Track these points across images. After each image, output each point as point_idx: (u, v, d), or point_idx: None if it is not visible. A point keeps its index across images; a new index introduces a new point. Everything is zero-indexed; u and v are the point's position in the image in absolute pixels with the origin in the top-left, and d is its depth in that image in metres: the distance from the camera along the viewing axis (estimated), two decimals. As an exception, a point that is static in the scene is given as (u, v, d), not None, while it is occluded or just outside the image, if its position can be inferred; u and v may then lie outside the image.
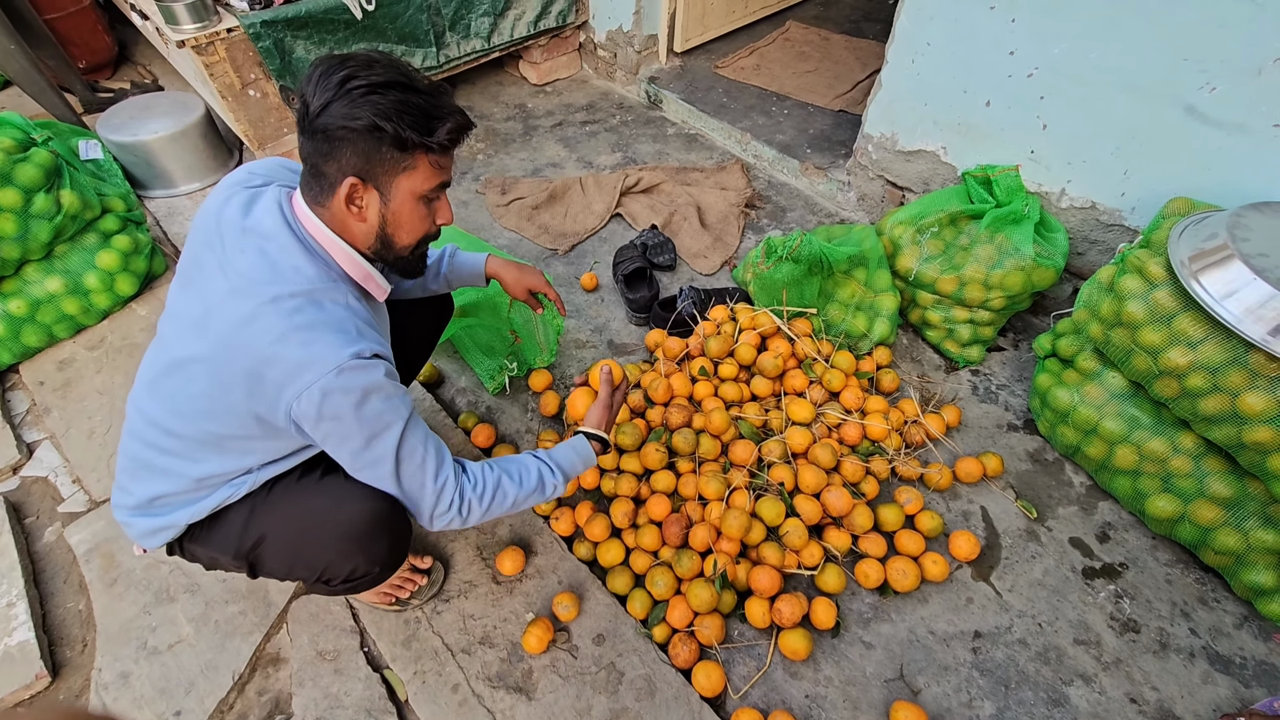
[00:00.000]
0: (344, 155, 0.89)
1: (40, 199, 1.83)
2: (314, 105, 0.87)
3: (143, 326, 2.08)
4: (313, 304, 0.92)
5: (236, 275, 0.92)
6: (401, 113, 0.87)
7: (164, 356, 1.00)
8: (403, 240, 1.01)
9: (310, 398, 0.89)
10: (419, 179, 0.95)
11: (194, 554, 1.14)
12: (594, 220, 2.42)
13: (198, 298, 0.95)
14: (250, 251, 0.93)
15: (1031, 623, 1.46)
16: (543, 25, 2.90)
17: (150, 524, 1.08)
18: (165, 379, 1.00)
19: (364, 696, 1.35)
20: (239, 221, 0.96)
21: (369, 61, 0.88)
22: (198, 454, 1.02)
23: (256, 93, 2.26)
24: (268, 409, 0.92)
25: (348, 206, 0.94)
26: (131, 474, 1.07)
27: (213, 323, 0.92)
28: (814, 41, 3.27)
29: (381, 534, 1.10)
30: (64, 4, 2.97)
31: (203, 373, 0.94)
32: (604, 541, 1.55)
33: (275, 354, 0.88)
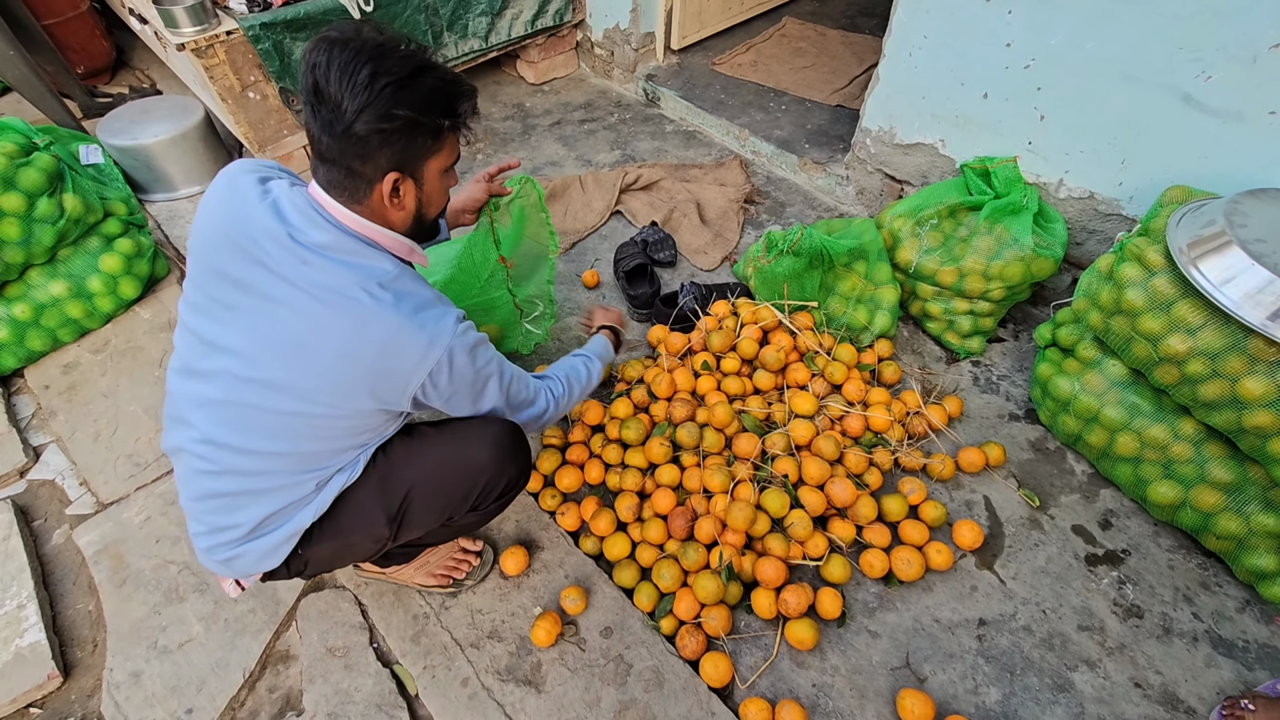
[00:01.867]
0: (382, 154, 0.92)
1: (43, 203, 1.84)
2: (348, 110, 0.86)
3: (146, 329, 2.09)
4: (404, 292, 0.97)
5: (318, 288, 0.92)
6: (433, 102, 0.91)
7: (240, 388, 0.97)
8: (431, 213, 1.09)
9: (442, 369, 0.98)
10: (445, 157, 1.02)
11: (307, 559, 1.12)
12: (594, 218, 2.43)
13: (268, 317, 0.93)
14: (319, 261, 0.93)
15: (1035, 610, 1.47)
16: (540, 24, 2.91)
17: (268, 543, 1.06)
18: (253, 406, 0.97)
19: (374, 691, 1.36)
20: (280, 231, 0.93)
21: (378, 47, 0.87)
22: (311, 462, 1.03)
23: (256, 95, 2.27)
24: (393, 396, 0.99)
25: (390, 201, 0.97)
26: (228, 509, 1.03)
27: (319, 340, 0.93)
28: (810, 37, 3.28)
29: (520, 443, 1.22)
30: (62, 9, 2.97)
31: (315, 388, 0.95)
32: (610, 536, 1.56)
33: (398, 344, 0.94)
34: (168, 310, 2.15)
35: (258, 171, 1.02)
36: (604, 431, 1.74)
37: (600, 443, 1.71)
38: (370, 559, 1.30)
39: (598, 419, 1.75)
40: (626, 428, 1.67)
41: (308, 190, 0.99)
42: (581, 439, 1.73)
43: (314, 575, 1.22)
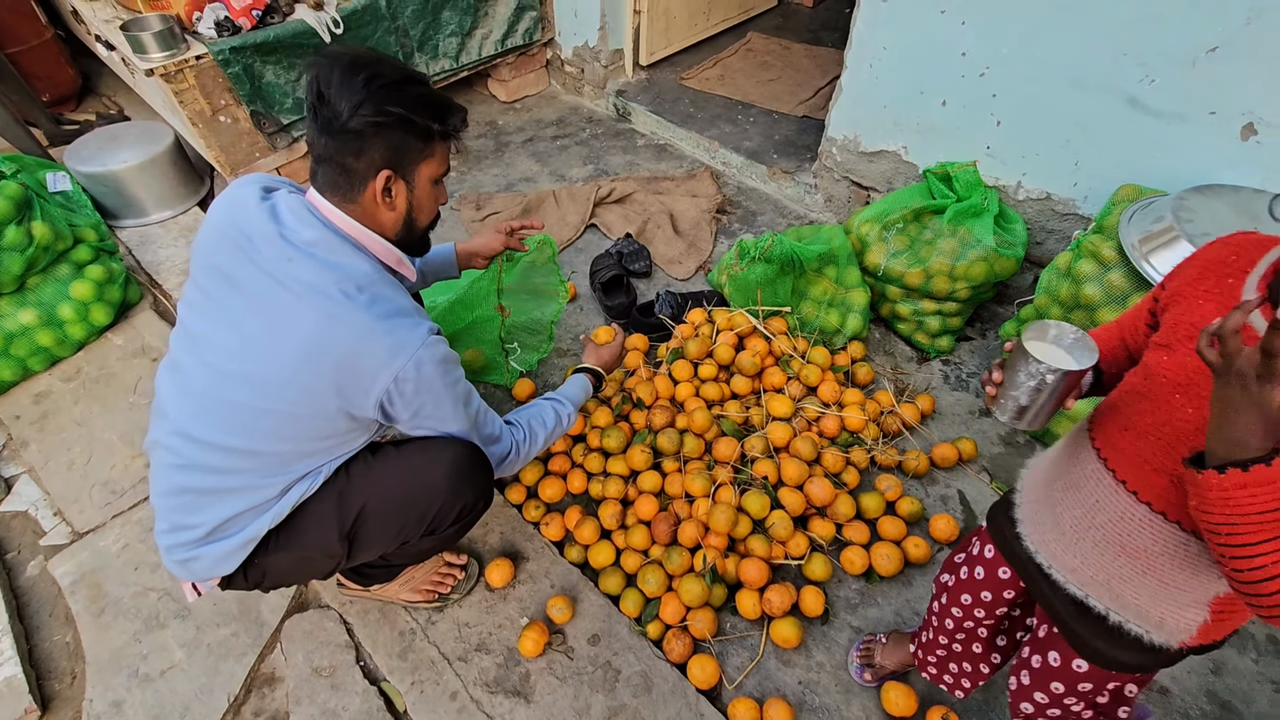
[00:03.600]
0: (375, 150, 0.97)
1: (11, 231, 1.82)
2: (344, 107, 0.92)
3: (119, 355, 2.07)
4: (380, 296, 0.99)
5: (297, 283, 0.95)
6: (423, 105, 0.97)
7: (217, 382, 1.00)
8: (422, 222, 1.13)
9: (408, 376, 0.98)
10: (435, 165, 1.06)
11: (265, 568, 1.12)
12: (569, 232, 2.46)
13: (252, 312, 0.97)
14: (301, 259, 0.96)
15: (1012, 598, 1.51)
16: (510, 44, 2.95)
17: (224, 547, 1.06)
18: (228, 401, 0.99)
19: (362, 710, 1.36)
20: (273, 230, 0.98)
21: (375, 59, 0.95)
22: (275, 465, 1.03)
23: (227, 119, 2.27)
24: (358, 399, 0.99)
25: (381, 198, 1.01)
26: (192, 508, 1.05)
27: (289, 333, 0.95)
28: (775, 51, 3.36)
29: (479, 468, 1.18)
30: (26, 37, 2.95)
31: (283, 382, 0.96)
32: (594, 544, 1.57)
33: (364, 346, 0.95)
34: (141, 336, 2.13)
35: (262, 182, 1.07)
36: (585, 441, 1.76)
37: (582, 452, 1.73)
38: (329, 575, 1.28)
39: (579, 429, 1.76)
40: (607, 436, 1.69)
41: (305, 195, 1.04)
42: (563, 449, 1.75)
43: (274, 587, 1.21)
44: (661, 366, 1.90)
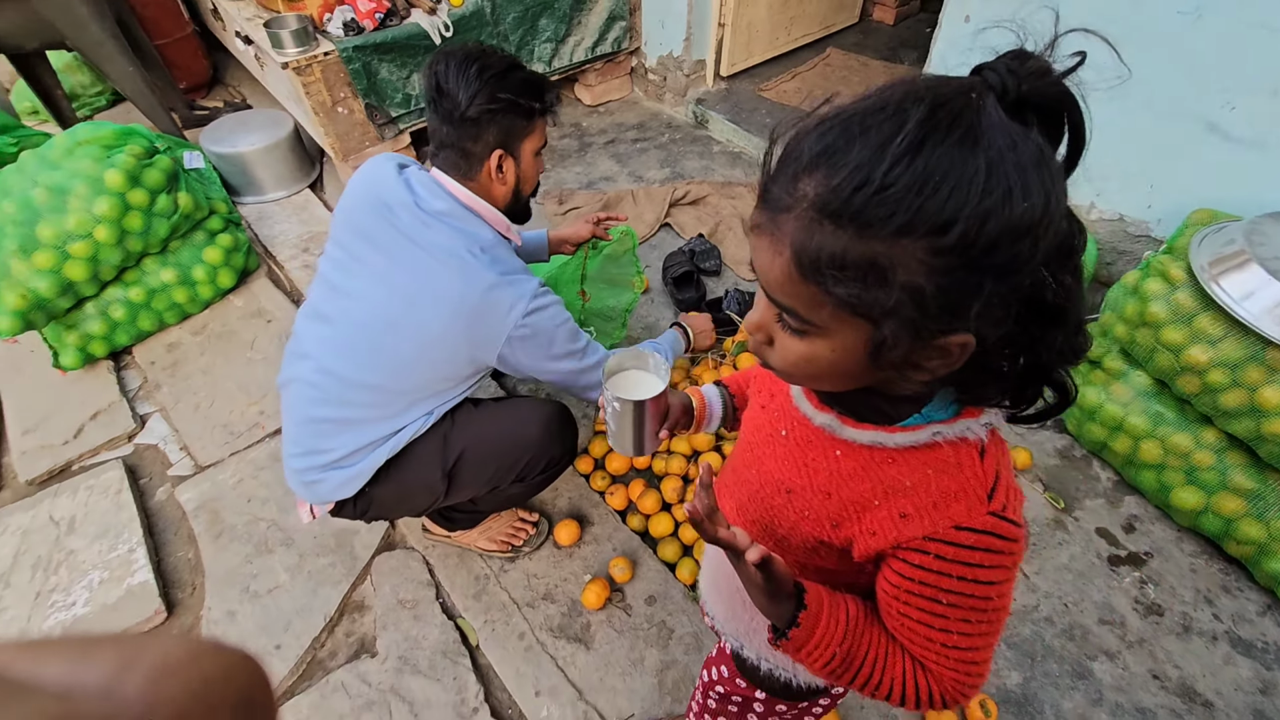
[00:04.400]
0: (489, 133, 1.14)
1: (162, 199, 2.08)
2: (462, 96, 1.09)
3: (239, 315, 2.31)
4: (500, 257, 1.16)
5: (434, 246, 1.13)
6: (526, 89, 1.13)
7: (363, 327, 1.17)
8: (526, 191, 1.29)
9: (526, 322, 1.15)
10: (537, 139, 1.23)
11: (372, 499, 1.27)
12: (644, 229, 2.60)
13: (396, 269, 1.14)
14: (437, 225, 1.14)
15: (1058, 603, 1.55)
16: (599, 51, 3.12)
17: (347, 474, 1.22)
18: (371, 344, 1.16)
19: (440, 640, 1.51)
20: (409, 200, 1.15)
21: (483, 52, 1.12)
22: (400, 401, 1.20)
23: (345, 110, 2.51)
24: (485, 346, 1.15)
25: (495, 174, 1.18)
26: (325, 435, 1.21)
27: (430, 288, 1.12)
28: (853, 66, 3.44)
29: (568, 426, 1.37)
30: (171, 31, 3.30)
31: (423, 328, 1.13)
32: (655, 514, 1.69)
33: (492, 298, 1.12)
34: (258, 300, 2.37)
35: (396, 160, 1.25)
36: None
37: (648, 431, 1.85)
38: (424, 512, 1.43)
39: (646, 409, 1.88)
40: (673, 417, 1.80)
41: (431, 172, 1.21)
42: (630, 427, 1.87)
43: (376, 518, 1.37)
44: (726, 359, 2.00)
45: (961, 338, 0.45)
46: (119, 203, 1.96)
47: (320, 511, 1.34)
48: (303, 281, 2.46)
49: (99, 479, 1.83)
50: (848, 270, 0.43)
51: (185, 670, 0.30)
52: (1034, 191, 0.40)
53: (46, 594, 1.60)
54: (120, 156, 1.99)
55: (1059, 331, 0.47)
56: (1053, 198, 0.41)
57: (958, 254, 0.41)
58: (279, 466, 1.85)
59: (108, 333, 2.11)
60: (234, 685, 0.32)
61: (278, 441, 1.92)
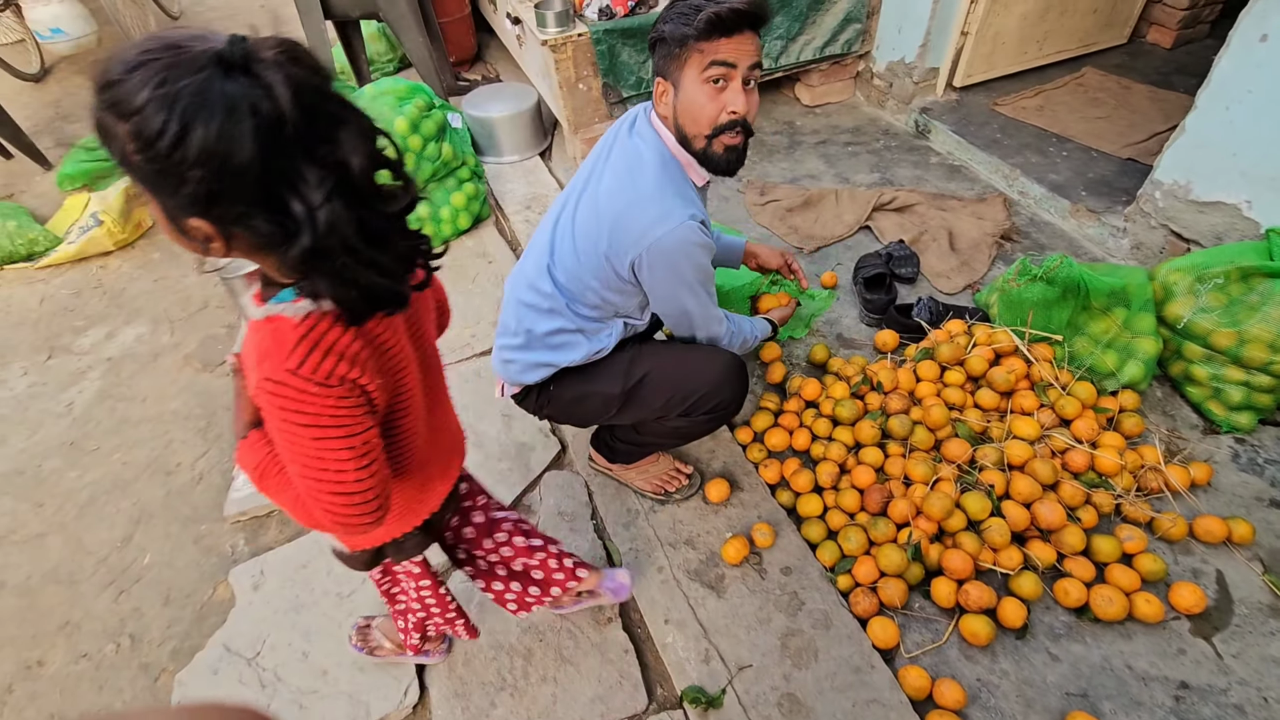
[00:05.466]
0: (658, 62, 1.24)
1: (431, 146, 2.47)
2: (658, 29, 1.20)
3: (469, 254, 2.67)
4: (670, 177, 1.26)
5: (621, 155, 1.29)
6: (673, 16, 1.17)
7: (558, 225, 1.37)
8: (690, 129, 1.23)
9: (661, 245, 1.22)
10: (694, 66, 1.17)
11: (552, 396, 1.47)
12: (842, 229, 2.59)
13: (595, 176, 1.32)
14: (629, 141, 1.30)
15: (1255, 694, 1.35)
16: (828, 52, 3.15)
17: (534, 358, 1.42)
18: (556, 240, 1.36)
19: (589, 553, 1.67)
20: (630, 124, 1.34)
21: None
22: (572, 298, 1.37)
23: (585, 86, 2.79)
24: (620, 252, 1.26)
25: (660, 101, 1.27)
26: (520, 319, 1.41)
27: (602, 190, 1.28)
28: (1111, 89, 3.12)
29: (741, 377, 1.45)
30: (452, 12, 3.85)
31: (584, 227, 1.30)
32: (805, 494, 1.71)
33: (639, 204, 1.23)
34: (484, 244, 2.72)
35: (647, 104, 1.39)
36: (817, 407, 1.90)
37: (812, 416, 1.88)
38: (594, 423, 1.59)
39: (814, 395, 1.91)
40: (841, 406, 1.81)
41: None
42: (795, 409, 1.91)
43: (550, 418, 1.56)
44: (907, 363, 1.96)
45: (196, 222, 0.60)
46: (402, 143, 2.36)
47: (510, 391, 1.54)
48: (523, 234, 2.78)
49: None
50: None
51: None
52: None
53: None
54: (409, 107, 2.41)
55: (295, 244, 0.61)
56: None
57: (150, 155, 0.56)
58: (480, 383, 2.14)
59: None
60: None
61: (482, 361, 2.22)
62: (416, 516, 1.05)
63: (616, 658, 1.48)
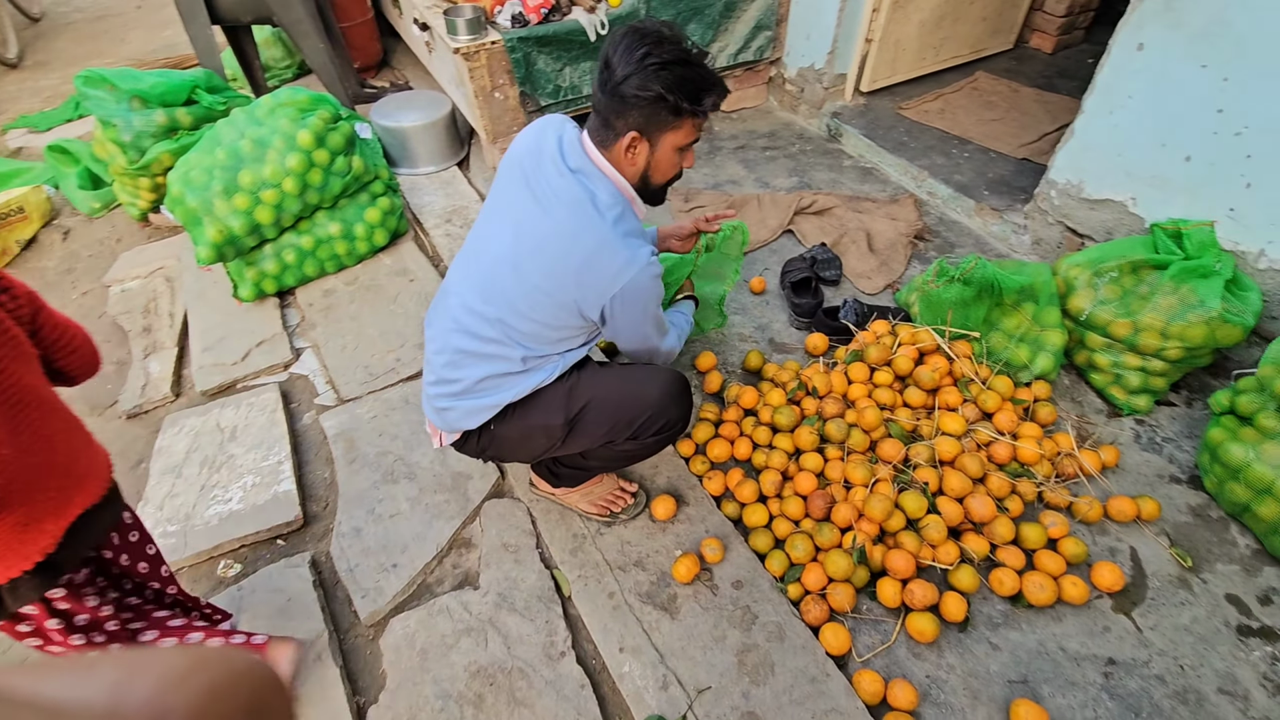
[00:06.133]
0: (631, 115, 1.19)
1: (339, 160, 2.33)
2: (618, 74, 1.16)
3: (386, 273, 2.54)
4: (623, 218, 1.23)
5: (565, 194, 1.22)
6: (681, 86, 1.16)
7: (495, 263, 1.29)
8: (656, 180, 1.32)
9: (633, 284, 1.21)
10: (681, 136, 1.25)
11: (495, 435, 1.41)
12: (766, 233, 2.63)
13: (530, 211, 1.25)
14: (570, 177, 1.23)
15: (1173, 663, 1.46)
16: (741, 59, 3.19)
17: (474, 404, 1.36)
18: (500, 281, 1.28)
19: (537, 585, 1.61)
20: (556, 153, 1.26)
21: (660, 39, 1.15)
22: (523, 340, 1.30)
23: (501, 95, 2.70)
24: (591, 297, 1.22)
25: (625, 153, 1.24)
26: (456, 365, 1.35)
27: (553, 232, 1.22)
28: (1002, 92, 3.32)
29: (685, 394, 1.45)
30: (354, 15, 3.67)
31: (541, 271, 1.23)
32: (750, 504, 1.72)
33: (605, 252, 1.20)
34: (404, 261, 2.59)
35: (564, 119, 1.35)
36: (756, 415, 1.91)
37: (751, 424, 1.89)
38: (539, 457, 1.52)
39: (752, 403, 1.92)
40: (779, 413, 1.83)
41: (581, 134, 1.30)
42: (734, 419, 1.92)
43: (494, 458, 1.50)
44: (838, 366, 2.01)
45: None
46: (306, 159, 2.22)
47: (448, 440, 1.47)
48: (444, 248, 2.68)
49: (259, 398, 2.08)
50: None
51: (191, 680, 0.30)
52: None
53: (209, 488, 1.83)
54: (312, 119, 2.26)
55: None
56: None
57: None
58: (409, 409, 2.03)
59: (279, 273, 2.38)
60: (244, 691, 0.32)
61: (410, 386, 2.11)
62: (22, 559, 0.95)
63: (573, 694, 1.43)
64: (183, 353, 2.30)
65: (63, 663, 0.29)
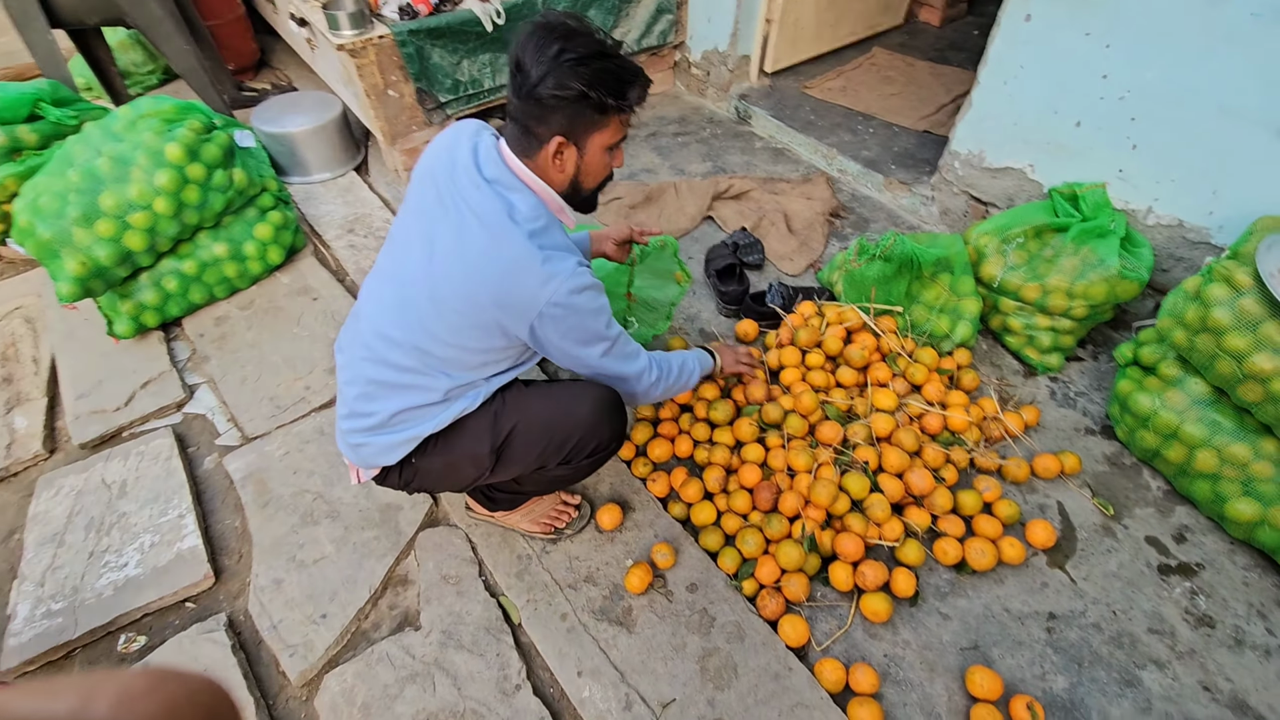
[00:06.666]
0: (554, 118, 1.10)
1: (218, 174, 2.11)
2: (533, 76, 1.05)
3: (286, 292, 2.34)
4: (541, 230, 1.13)
5: (478, 207, 1.11)
6: (603, 81, 1.07)
7: (409, 285, 1.17)
8: (588, 185, 1.23)
9: (558, 300, 1.10)
10: (608, 135, 1.16)
11: (418, 469, 1.29)
12: (686, 221, 2.59)
13: (444, 228, 1.13)
14: (485, 188, 1.12)
15: (1106, 610, 1.53)
16: (644, 44, 3.13)
17: (391, 439, 1.23)
18: (415, 306, 1.16)
19: (483, 616, 1.52)
20: (471, 163, 1.15)
21: (571, 32, 1.06)
22: (444, 368, 1.19)
23: (395, 93, 2.53)
24: (514, 317, 1.12)
25: (552, 160, 1.14)
26: (370, 398, 1.23)
27: (467, 249, 1.11)
28: (899, 67, 3.41)
29: (617, 411, 1.34)
30: (222, 13, 3.36)
31: (458, 293, 1.12)
32: (697, 503, 1.68)
33: (524, 269, 1.09)
34: (304, 278, 2.40)
35: (475, 125, 1.24)
36: (692, 411, 1.88)
37: (689, 421, 1.85)
38: (468, 487, 1.41)
39: (686, 399, 1.89)
40: (714, 409, 1.80)
41: (498, 142, 1.20)
42: (671, 416, 1.87)
43: (420, 490, 1.38)
44: (770, 352, 2.00)
45: None
46: (178, 176, 1.99)
47: (366, 476, 1.35)
48: (347, 261, 2.49)
49: (149, 445, 1.87)
50: None
51: (148, 697, 0.32)
52: None
53: (99, 554, 1.63)
54: (181, 131, 2.03)
55: None
56: None
57: None
58: (325, 440, 1.88)
59: (160, 304, 2.15)
60: (199, 708, 0.35)
61: (324, 416, 1.95)
62: None
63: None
64: (54, 403, 2.04)
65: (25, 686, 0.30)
